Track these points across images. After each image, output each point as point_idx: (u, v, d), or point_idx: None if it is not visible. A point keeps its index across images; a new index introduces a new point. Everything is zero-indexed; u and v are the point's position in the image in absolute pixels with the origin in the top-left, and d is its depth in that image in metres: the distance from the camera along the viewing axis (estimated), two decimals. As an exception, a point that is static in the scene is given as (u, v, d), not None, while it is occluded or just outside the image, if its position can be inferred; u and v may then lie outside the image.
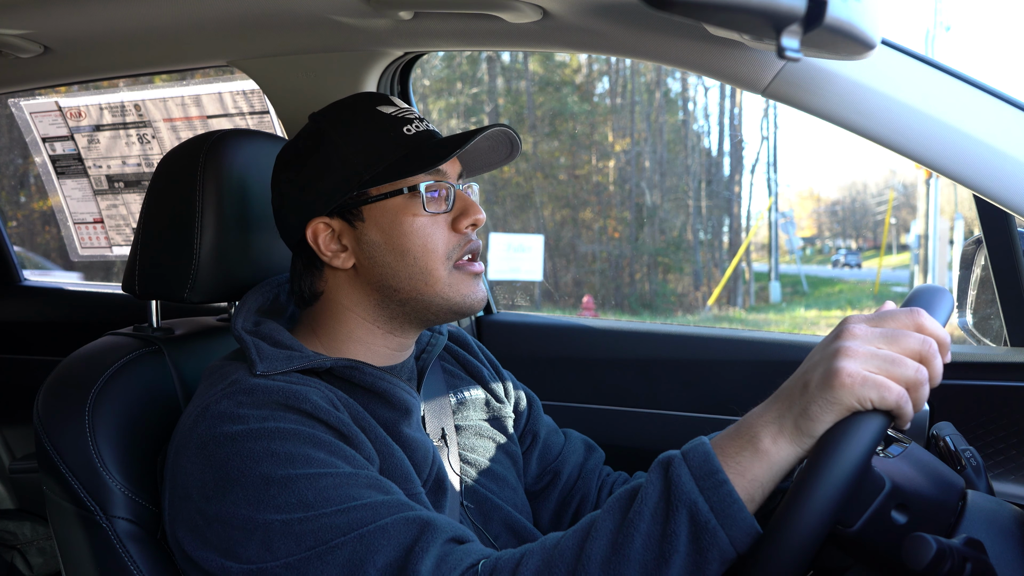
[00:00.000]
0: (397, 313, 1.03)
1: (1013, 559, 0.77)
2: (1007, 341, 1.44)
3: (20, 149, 11.05)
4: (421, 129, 1.03)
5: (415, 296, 1.01)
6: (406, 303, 1.02)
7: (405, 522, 0.83)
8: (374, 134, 1.01)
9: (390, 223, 1.00)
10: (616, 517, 0.77)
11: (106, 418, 1.02)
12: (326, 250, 1.02)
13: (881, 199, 29.87)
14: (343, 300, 1.04)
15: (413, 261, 1.00)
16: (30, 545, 2.16)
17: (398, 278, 1.01)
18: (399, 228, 1.00)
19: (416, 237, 1.00)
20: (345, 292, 1.04)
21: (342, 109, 1.05)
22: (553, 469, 1.23)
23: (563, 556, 0.78)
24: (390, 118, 1.03)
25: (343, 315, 1.04)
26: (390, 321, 1.04)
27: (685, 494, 0.74)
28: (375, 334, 1.05)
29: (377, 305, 1.03)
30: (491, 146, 1.09)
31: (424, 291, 1.01)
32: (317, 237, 1.02)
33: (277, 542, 0.82)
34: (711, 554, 0.73)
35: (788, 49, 0.69)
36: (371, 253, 1.01)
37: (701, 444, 0.77)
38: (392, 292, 1.02)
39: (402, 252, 1.00)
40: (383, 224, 1.00)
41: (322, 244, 1.02)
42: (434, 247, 1.00)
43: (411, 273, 1.00)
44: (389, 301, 1.02)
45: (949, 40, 21.42)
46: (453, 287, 1.01)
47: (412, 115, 1.04)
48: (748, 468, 0.74)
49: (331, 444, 0.89)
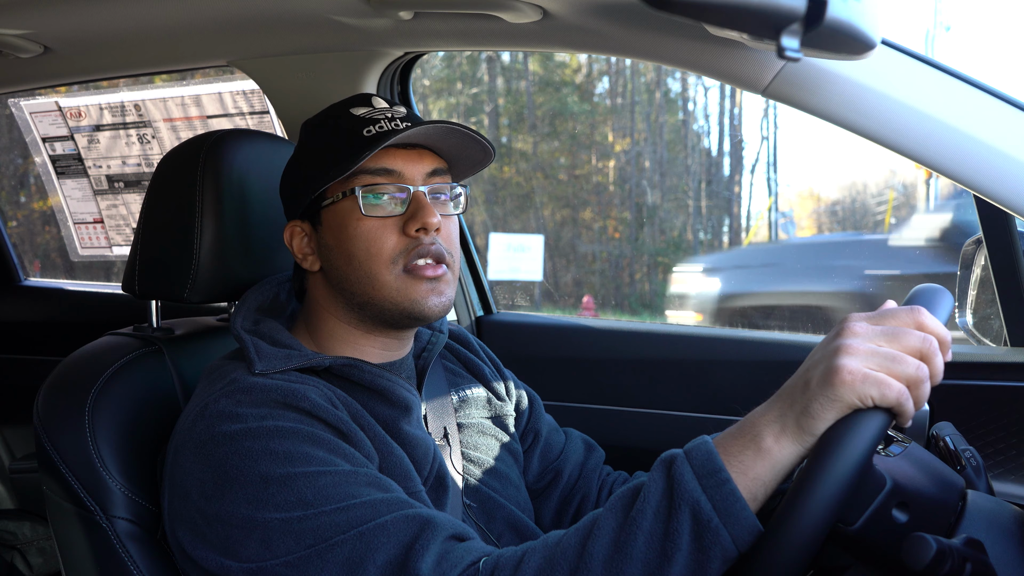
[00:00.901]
0: (363, 315, 1.03)
1: (1013, 559, 0.77)
2: (1007, 341, 1.44)
3: (20, 149, 11.04)
4: (384, 129, 0.99)
5: (367, 300, 1.01)
6: (364, 307, 1.02)
7: (405, 520, 0.83)
8: (333, 137, 1.01)
9: (339, 226, 1.00)
10: (619, 515, 0.77)
11: (106, 418, 1.02)
12: (299, 252, 1.06)
13: (881, 199, 29.86)
14: (321, 300, 1.06)
15: (358, 265, 0.99)
16: (30, 545, 2.16)
17: (349, 281, 1.01)
18: (345, 232, 1.00)
19: (360, 240, 0.99)
20: (321, 293, 1.06)
21: (323, 114, 1.06)
22: (554, 468, 1.23)
23: (565, 554, 0.78)
24: (355, 120, 1.01)
25: (322, 315, 1.06)
26: (361, 322, 1.04)
27: (688, 492, 0.74)
28: (354, 334, 1.05)
29: (345, 307, 1.04)
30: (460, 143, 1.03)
31: (373, 295, 1.00)
32: (292, 240, 1.06)
33: (276, 540, 0.82)
34: (713, 552, 0.73)
35: (788, 49, 0.69)
36: (327, 256, 1.03)
37: (704, 443, 0.77)
38: (349, 295, 1.02)
39: (349, 256, 1.00)
40: (334, 227, 1.01)
41: (295, 247, 1.05)
42: (377, 251, 0.98)
43: (358, 277, 1.00)
44: (350, 304, 1.03)
45: (949, 40, 21.41)
46: (401, 292, 0.99)
47: (381, 116, 1.01)
48: (750, 467, 0.74)
49: (330, 442, 0.89)
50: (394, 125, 1.00)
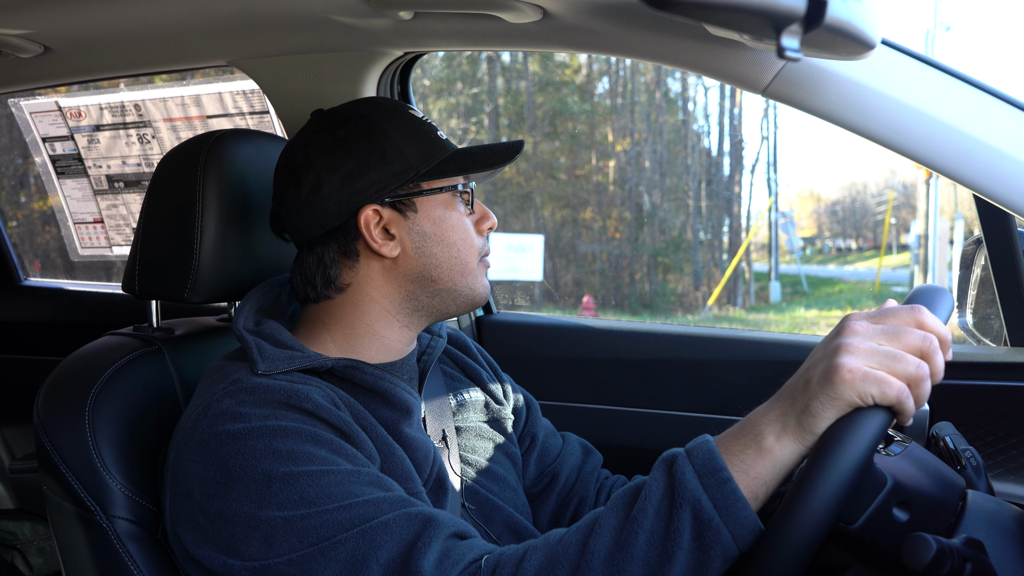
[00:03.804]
0: (422, 305, 1.07)
1: (1013, 559, 0.77)
2: (1007, 341, 1.44)
3: (20, 149, 11.05)
4: (443, 136, 1.10)
5: (450, 286, 1.06)
6: (438, 294, 1.07)
7: (408, 518, 0.83)
8: (418, 132, 1.06)
9: (440, 216, 1.06)
10: (620, 514, 0.78)
11: (106, 418, 1.02)
12: (377, 237, 1.03)
13: (881, 199, 29.86)
14: (371, 292, 1.05)
15: (456, 253, 1.06)
16: (30, 545, 2.16)
17: (440, 268, 1.05)
18: (448, 222, 1.06)
19: (461, 231, 1.07)
20: (375, 283, 1.05)
21: (379, 105, 1.07)
22: (551, 471, 1.24)
23: (567, 552, 0.78)
24: (424, 121, 1.09)
25: (368, 307, 1.05)
26: (411, 314, 1.07)
27: (689, 491, 0.74)
28: (392, 327, 1.07)
29: (406, 296, 1.06)
30: None
31: (458, 281, 1.07)
32: (369, 224, 1.02)
33: (279, 539, 0.83)
34: (714, 551, 0.73)
35: (788, 49, 0.69)
36: (420, 243, 1.05)
37: (705, 442, 0.78)
38: (429, 283, 1.06)
39: (449, 244, 1.06)
40: (434, 216, 1.06)
41: (374, 232, 1.03)
42: (472, 242, 1.08)
43: (452, 264, 1.06)
44: (421, 292, 1.06)
45: (949, 40, 21.41)
46: (479, 280, 1.09)
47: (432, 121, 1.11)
48: (752, 466, 0.75)
49: (332, 442, 0.89)
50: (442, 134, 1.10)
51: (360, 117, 1.05)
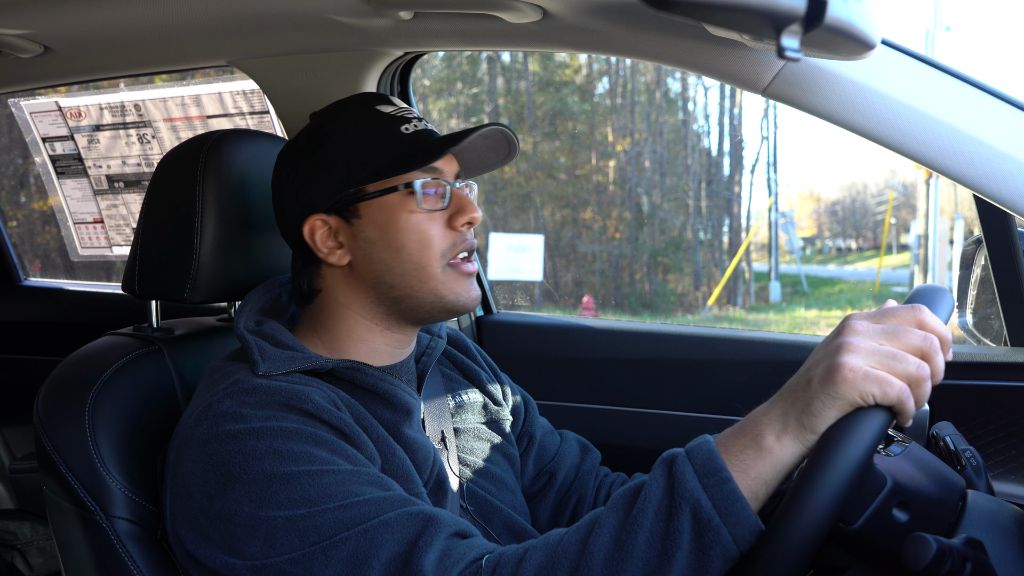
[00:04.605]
0: (393, 310, 1.04)
1: (1013, 559, 0.77)
2: (1007, 341, 1.44)
3: (20, 149, 11.05)
4: (419, 128, 1.04)
5: (409, 293, 1.02)
6: (400, 300, 1.02)
7: (408, 517, 0.83)
8: (372, 132, 1.02)
9: (386, 220, 1.01)
10: (620, 514, 0.78)
11: (106, 418, 1.02)
12: (322, 247, 1.03)
13: (881, 199, 29.85)
14: (340, 298, 1.05)
15: (408, 257, 1.00)
16: (30, 545, 2.16)
17: (393, 275, 1.01)
18: (395, 225, 1.00)
19: (412, 233, 1.00)
20: (342, 289, 1.04)
21: (342, 108, 1.05)
22: (549, 469, 1.24)
23: (566, 552, 0.78)
24: (388, 117, 1.04)
25: (341, 313, 1.05)
26: (387, 318, 1.05)
27: (688, 492, 0.74)
28: (373, 331, 1.05)
29: (373, 302, 1.04)
30: (489, 146, 1.09)
31: (418, 288, 1.01)
32: (314, 234, 1.03)
33: (280, 538, 0.83)
34: (714, 551, 0.73)
35: (788, 49, 0.69)
36: (367, 250, 1.02)
37: (705, 442, 0.77)
38: (387, 289, 1.02)
39: (397, 248, 1.00)
40: (379, 221, 1.01)
41: (319, 241, 1.03)
42: (429, 243, 1.01)
43: (406, 270, 1.01)
44: (384, 298, 1.03)
45: (949, 40, 21.40)
46: (446, 285, 1.02)
47: (411, 114, 1.05)
48: (752, 465, 0.75)
49: (333, 443, 0.89)
50: (424, 126, 1.05)
51: (316, 125, 1.05)
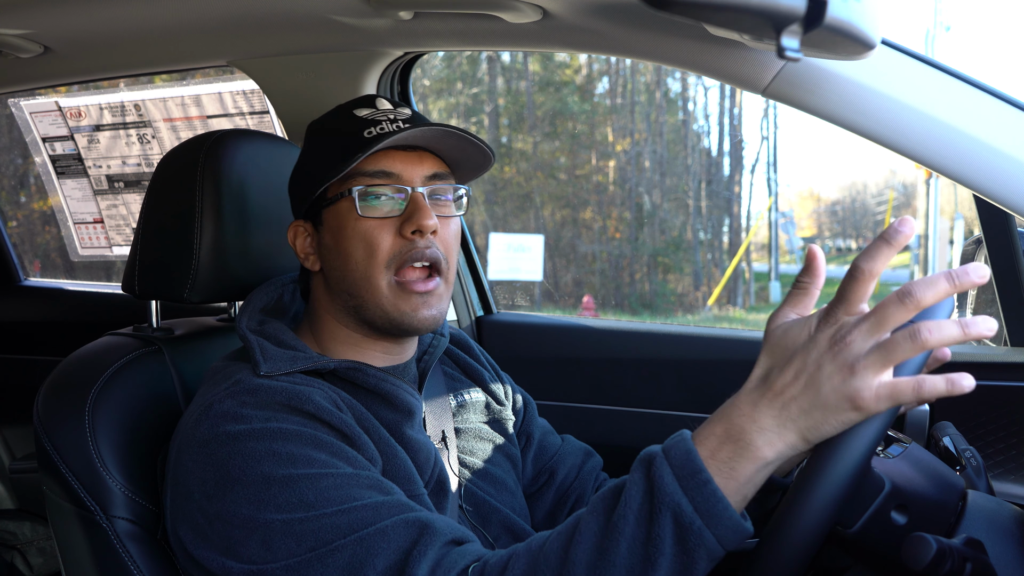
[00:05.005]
0: (360, 319, 1.03)
1: (1013, 559, 0.77)
2: (1007, 341, 1.44)
3: (20, 149, 11.04)
4: (385, 131, 0.99)
5: (360, 303, 1.01)
6: (358, 309, 1.01)
7: (405, 524, 0.83)
8: (335, 138, 1.02)
9: (338, 226, 1.01)
10: (600, 519, 0.76)
11: (106, 418, 1.02)
12: (301, 252, 1.06)
13: (881, 199, 29.83)
14: (322, 301, 1.06)
15: (355, 266, 0.99)
16: (30, 545, 2.16)
17: (346, 282, 1.01)
18: (344, 232, 1.00)
19: (357, 240, 0.99)
20: (322, 294, 1.06)
21: (328, 114, 1.07)
22: (549, 468, 1.24)
23: (548, 560, 0.76)
24: (357, 121, 1.01)
25: (323, 316, 1.06)
26: (360, 326, 1.04)
27: (668, 496, 0.72)
28: (354, 337, 1.05)
29: (343, 308, 1.03)
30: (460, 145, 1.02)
31: (367, 299, 1.00)
32: (296, 239, 1.06)
33: (277, 542, 0.82)
34: (698, 554, 0.72)
35: (788, 49, 0.69)
36: (326, 256, 1.03)
37: (683, 441, 0.75)
38: (347, 297, 1.02)
39: (346, 256, 1.00)
40: (333, 227, 1.01)
41: (299, 246, 1.06)
42: (373, 252, 0.98)
43: (355, 278, 1.00)
44: (347, 305, 1.02)
45: (949, 40, 21.39)
46: (391, 302, 0.99)
47: (383, 117, 1.01)
48: (741, 471, 0.72)
49: (333, 445, 0.89)
50: (395, 127, 1.00)
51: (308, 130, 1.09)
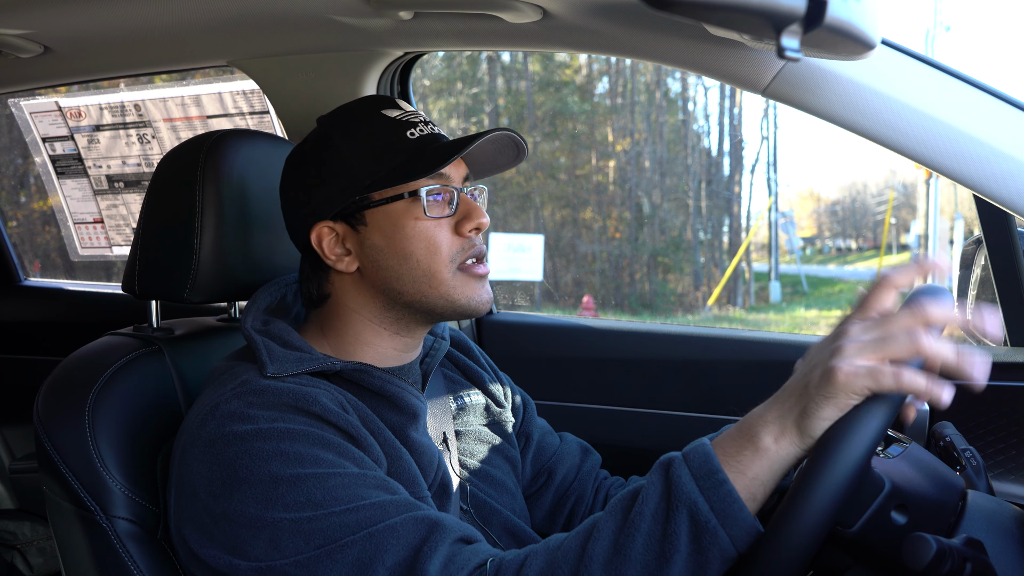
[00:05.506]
0: (403, 314, 1.04)
1: (1013, 559, 0.77)
2: (1007, 341, 1.44)
3: (20, 149, 11.05)
4: (425, 132, 1.03)
5: (419, 299, 1.02)
6: (411, 305, 1.02)
7: (414, 521, 0.83)
8: (377, 138, 1.02)
9: (392, 227, 1.00)
10: (618, 518, 0.78)
11: (106, 418, 1.02)
12: (330, 254, 1.03)
13: (881, 199, 29.84)
14: (349, 303, 1.04)
15: (416, 264, 1.00)
16: (30, 545, 2.16)
17: (402, 281, 1.01)
18: (401, 232, 1.00)
19: (419, 240, 1.00)
20: (351, 295, 1.04)
21: (348, 113, 1.05)
22: (548, 468, 1.24)
23: (566, 557, 0.78)
24: (394, 122, 1.03)
25: (350, 317, 1.05)
26: (396, 322, 1.05)
27: (685, 494, 0.75)
28: (382, 336, 1.05)
29: (383, 307, 1.04)
30: (497, 149, 1.08)
31: (428, 293, 1.01)
32: (321, 241, 1.03)
33: (285, 540, 0.83)
34: (712, 553, 0.74)
35: (788, 49, 0.69)
36: (374, 257, 1.01)
37: (701, 445, 0.78)
38: (397, 295, 1.02)
39: (405, 255, 1.00)
40: (386, 228, 1.01)
41: (326, 248, 1.03)
42: (436, 250, 1.00)
43: (415, 276, 1.01)
44: (394, 303, 1.03)
45: (949, 40, 21.40)
46: (457, 289, 1.02)
47: (417, 119, 1.04)
48: (749, 466, 0.75)
49: (340, 446, 0.89)
50: (431, 129, 1.04)
51: (323, 131, 1.05)
